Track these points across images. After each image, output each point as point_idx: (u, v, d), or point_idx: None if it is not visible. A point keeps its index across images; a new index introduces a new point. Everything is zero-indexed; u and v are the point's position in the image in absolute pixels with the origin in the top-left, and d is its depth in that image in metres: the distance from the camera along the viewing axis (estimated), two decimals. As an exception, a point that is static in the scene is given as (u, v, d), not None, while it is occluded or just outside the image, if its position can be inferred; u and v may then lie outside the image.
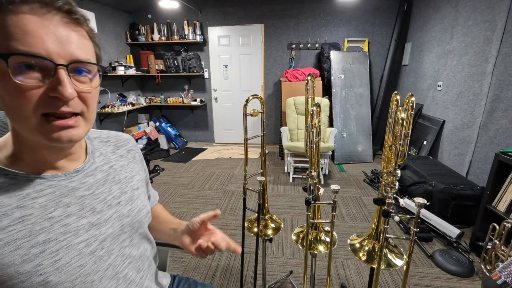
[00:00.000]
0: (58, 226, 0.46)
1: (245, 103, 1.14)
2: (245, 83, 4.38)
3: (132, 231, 0.59)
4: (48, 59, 0.40)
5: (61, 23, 0.41)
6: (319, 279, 1.63)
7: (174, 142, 4.45)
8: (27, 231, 0.43)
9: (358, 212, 2.42)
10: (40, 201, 0.46)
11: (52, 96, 0.41)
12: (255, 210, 1.16)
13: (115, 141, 0.65)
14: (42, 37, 0.39)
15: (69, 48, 0.42)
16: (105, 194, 0.55)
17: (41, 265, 0.43)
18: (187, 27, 4.09)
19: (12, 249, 0.41)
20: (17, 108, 0.41)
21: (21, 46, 0.38)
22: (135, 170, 0.65)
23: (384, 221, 0.85)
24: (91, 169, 0.55)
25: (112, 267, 0.53)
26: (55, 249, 0.45)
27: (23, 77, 0.39)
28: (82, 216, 0.50)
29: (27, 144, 0.46)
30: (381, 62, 4.01)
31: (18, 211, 0.43)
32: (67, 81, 0.41)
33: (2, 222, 0.42)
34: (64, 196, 0.49)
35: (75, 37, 0.43)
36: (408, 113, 0.93)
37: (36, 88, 0.40)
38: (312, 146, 1.05)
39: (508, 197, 1.64)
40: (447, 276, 1.65)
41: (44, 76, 0.41)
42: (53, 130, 0.43)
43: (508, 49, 2.05)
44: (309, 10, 3.93)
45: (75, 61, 0.42)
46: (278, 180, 3.17)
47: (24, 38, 0.38)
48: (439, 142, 2.85)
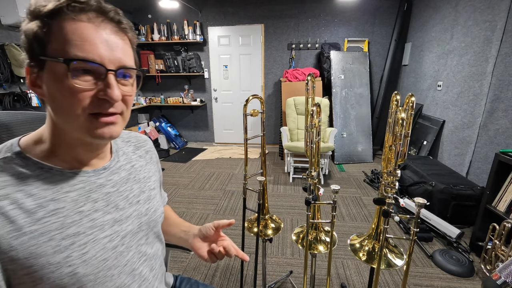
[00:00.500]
0: (87, 220, 0.49)
1: (245, 103, 1.14)
2: (245, 83, 4.38)
3: (148, 230, 0.60)
4: (101, 64, 0.44)
5: (112, 31, 0.45)
6: (319, 279, 1.63)
7: (174, 142, 4.45)
8: (59, 223, 0.45)
9: (358, 212, 2.42)
10: (72, 195, 0.48)
11: (101, 98, 0.45)
12: (255, 210, 1.16)
13: (135, 141, 0.68)
14: (96, 44, 0.43)
15: (118, 54, 0.45)
16: (127, 192, 0.58)
17: (70, 257, 0.45)
18: (187, 27, 4.09)
19: (45, 239, 0.43)
20: (69, 107, 0.44)
21: (80, 52, 0.42)
22: (152, 171, 0.67)
23: (384, 221, 0.85)
24: (116, 167, 0.58)
25: (130, 263, 0.55)
26: (83, 242, 0.47)
27: (79, 79, 0.43)
28: (107, 212, 0.52)
29: (65, 140, 0.49)
30: (381, 62, 4.01)
31: (52, 204, 0.46)
32: (115, 85, 0.45)
33: (38, 213, 0.44)
34: (93, 192, 0.51)
35: (122, 45, 0.47)
36: (408, 113, 0.93)
37: (88, 91, 0.44)
38: (312, 146, 1.05)
39: (508, 197, 1.63)
40: (447, 276, 1.65)
41: (95, 79, 0.44)
42: (98, 127, 0.46)
43: (508, 49, 2.05)
44: (309, 10, 3.93)
45: (122, 67, 0.46)
46: (278, 180, 3.17)
47: (82, 45, 0.42)
48: (439, 142, 2.85)
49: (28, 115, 0.71)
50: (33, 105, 2.84)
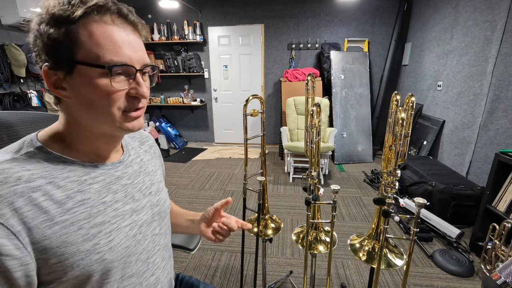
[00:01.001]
0: (110, 210, 0.52)
1: (245, 103, 1.14)
2: (245, 83, 4.38)
3: (160, 220, 0.64)
4: (132, 65, 0.46)
5: (131, 32, 0.48)
6: (319, 279, 1.63)
7: (174, 142, 4.45)
8: (87, 213, 0.48)
9: (358, 212, 2.42)
10: (95, 186, 0.51)
11: (131, 95, 0.48)
12: (255, 210, 1.16)
13: (139, 137, 0.71)
14: (125, 47, 0.46)
15: (139, 53, 0.48)
16: (141, 184, 0.61)
17: (99, 244, 0.48)
18: (187, 27, 4.09)
19: (75, 229, 0.46)
20: (104, 107, 0.46)
21: (114, 57, 0.44)
22: (157, 165, 0.71)
23: (384, 221, 0.85)
24: (129, 161, 0.61)
25: (146, 252, 0.58)
26: (109, 230, 0.50)
27: (116, 82, 0.46)
28: (126, 203, 0.55)
29: (86, 136, 0.51)
30: (381, 62, 4.01)
31: (79, 195, 0.48)
32: (143, 83, 0.49)
33: (68, 204, 0.46)
34: (113, 184, 0.54)
35: (140, 44, 0.49)
36: (408, 113, 0.93)
37: (122, 90, 0.47)
38: (312, 146, 1.05)
39: (508, 197, 1.64)
40: (447, 276, 1.65)
41: (126, 79, 0.47)
42: (129, 120, 0.50)
43: (508, 49, 2.05)
44: (309, 10, 3.93)
45: (145, 65, 0.49)
46: (278, 180, 3.17)
47: (114, 49, 0.44)
48: (439, 142, 2.85)
49: (28, 115, 0.71)
50: (33, 105, 2.84)
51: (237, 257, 1.83)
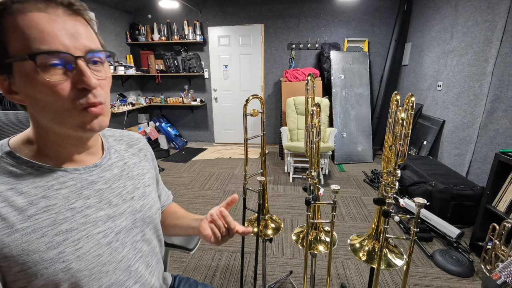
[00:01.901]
0: (79, 216, 0.49)
1: (245, 103, 1.14)
2: (245, 83, 4.38)
3: (143, 226, 0.60)
4: (68, 53, 0.41)
5: (66, 16, 0.42)
6: (319, 279, 1.63)
7: (174, 142, 4.45)
8: (51, 220, 0.46)
9: (358, 212, 2.42)
10: (63, 192, 0.48)
11: (80, 87, 0.43)
12: (255, 210, 1.16)
13: (127, 140, 0.68)
14: (56, 33, 0.41)
15: (81, 39, 0.43)
16: (120, 188, 0.58)
17: (64, 253, 0.45)
18: (187, 27, 4.09)
19: (38, 236, 0.44)
20: (55, 104, 0.43)
21: (42, 45, 0.40)
22: (146, 168, 0.68)
23: (384, 221, 0.85)
24: (108, 165, 0.58)
25: (126, 260, 0.55)
26: (77, 238, 0.47)
27: (50, 74, 0.41)
28: (100, 208, 0.52)
29: (51, 140, 0.48)
30: (381, 62, 4.01)
31: (44, 201, 0.46)
32: (88, 71, 0.44)
33: (30, 211, 0.44)
34: (85, 189, 0.51)
35: (81, 28, 0.44)
36: (408, 113, 0.93)
37: (64, 82, 0.42)
38: (312, 146, 1.05)
39: (508, 197, 1.63)
40: (447, 276, 1.65)
41: (66, 70, 0.43)
42: (88, 120, 0.46)
43: (508, 49, 2.05)
44: (309, 10, 3.93)
45: (89, 51, 0.44)
46: (278, 180, 3.17)
47: (42, 37, 0.40)
48: (439, 142, 2.85)
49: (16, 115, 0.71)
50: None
51: (237, 257, 1.83)
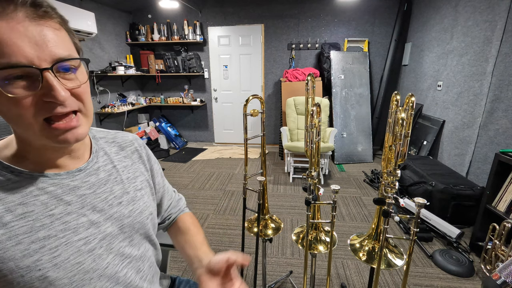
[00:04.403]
0: (58, 223, 0.47)
1: (245, 103, 1.14)
2: (245, 83, 4.38)
3: (132, 232, 0.58)
4: (30, 66, 0.38)
5: (29, 20, 0.38)
6: (319, 279, 1.63)
7: (174, 142, 4.45)
8: (28, 227, 0.44)
9: (358, 212, 2.42)
10: (42, 198, 0.47)
11: (47, 100, 0.40)
12: (255, 210, 1.16)
13: (120, 141, 0.65)
14: (16, 44, 0.36)
15: (47, 48, 0.39)
16: (107, 193, 0.56)
17: (40, 261, 0.44)
18: (187, 27, 4.09)
19: (13, 243, 0.42)
20: (18, 118, 0.40)
21: (0, 59, 0.36)
22: (139, 171, 0.65)
23: (384, 221, 0.85)
24: (94, 169, 0.55)
25: (112, 266, 0.53)
26: (54, 246, 0.46)
27: (12, 88, 0.38)
28: (82, 214, 0.50)
29: (31, 144, 0.47)
30: (381, 62, 4.01)
31: (21, 208, 0.44)
32: (57, 84, 0.40)
33: (5, 218, 0.43)
34: (66, 194, 0.49)
35: (49, 34, 0.40)
36: (408, 113, 0.93)
37: (29, 96, 0.39)
38: (312, 146, 1.05)
39: (508, 197, 1.63)
40: (447, 276, 1.65)
41: (32, 82, 0.39)
42: (59, 133, 0.43)
43: (508, 49, 2.05)
44: (309, 10, 3.93)
45: (57, 60, 0.40)
46: (278, 180, 3.17)
47: (0, 49, 0.36)
48: (439, 142, 2.85)
49: None
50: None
51: (237, 257, 1.83)
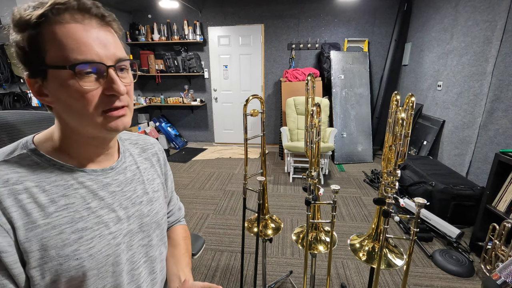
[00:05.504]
0: (93, 216, 0.51)
1: (245, 103, 1.14)
2: (245, 83, 4.38)
3: (150, 231, 0.61)
4: (101, 62, 0.45)
5: (99, 27, 0.46)
6: (319, 279, 1.63)
7: (174, 142, 4.45)
8: (69, 218, 0.48)
9: (358, 212, 2.42)
10: (81, 192, 0.50)
11: (108, 94, 0.47)
12: (255, 210, 1.16)
13: (142, 144, 0.69)
14: (91, 44, 0.44)
15: (111, 49, 0.47)
16: (131, 192, 0.59)
17: (78, 250, 0.47)
18: (187, 27, 4.09)
19: (56, 232, 0.46)
20: (82, 109, 0.46)
21: (79, 56, 0.43)
22: (157, 173, 0.69)
23: (384, 221, 0.85)
24: (122, 168, 0.59)
25: (130, 263, 0.56)
26: (90, 237, 0.49)
27: (84, 81, 0.44)
28: (112, 210, 0.54)
29: (75, 139, 0.51)
30: (381, 62, 4.01)
31: (63, 199, 0.48)
32: (118, 79, 0.47)
33: (50, 208, 0.46)
34: (100, 190, 0.53)
35: (111, 39, 0.48)
36: (408, 113, 0.93)
37: (96, 89, 0.46)
38: (312, 146, 1.05)
39: (508, 197, 1.63)
40: (447, 276, 1.65)
41: (98, 77, 0.46)
42: (111, 120, 0.48)
43: (508, 49, 2.05)
44: (309, 10, 3.93)
45: (118, 60, 0.47)
46: (278, 180, 3.17)
47: (79, 48, 0.43)
48: (439, 142, 2.85)
49: (28, 114, 0.71)
50: (33, 105, 2.83)
51: (237, 257, 1.83)
